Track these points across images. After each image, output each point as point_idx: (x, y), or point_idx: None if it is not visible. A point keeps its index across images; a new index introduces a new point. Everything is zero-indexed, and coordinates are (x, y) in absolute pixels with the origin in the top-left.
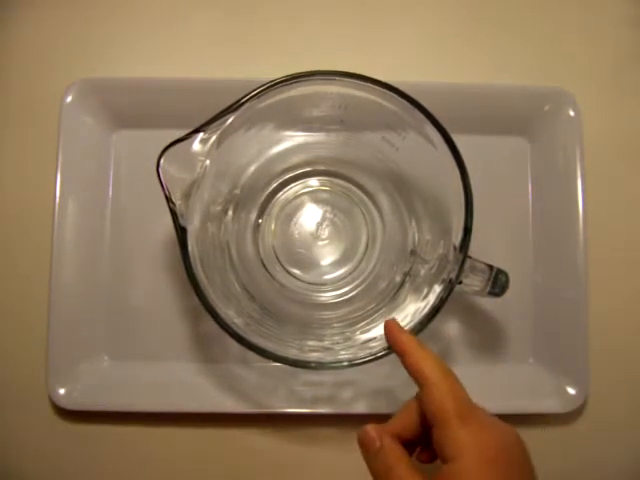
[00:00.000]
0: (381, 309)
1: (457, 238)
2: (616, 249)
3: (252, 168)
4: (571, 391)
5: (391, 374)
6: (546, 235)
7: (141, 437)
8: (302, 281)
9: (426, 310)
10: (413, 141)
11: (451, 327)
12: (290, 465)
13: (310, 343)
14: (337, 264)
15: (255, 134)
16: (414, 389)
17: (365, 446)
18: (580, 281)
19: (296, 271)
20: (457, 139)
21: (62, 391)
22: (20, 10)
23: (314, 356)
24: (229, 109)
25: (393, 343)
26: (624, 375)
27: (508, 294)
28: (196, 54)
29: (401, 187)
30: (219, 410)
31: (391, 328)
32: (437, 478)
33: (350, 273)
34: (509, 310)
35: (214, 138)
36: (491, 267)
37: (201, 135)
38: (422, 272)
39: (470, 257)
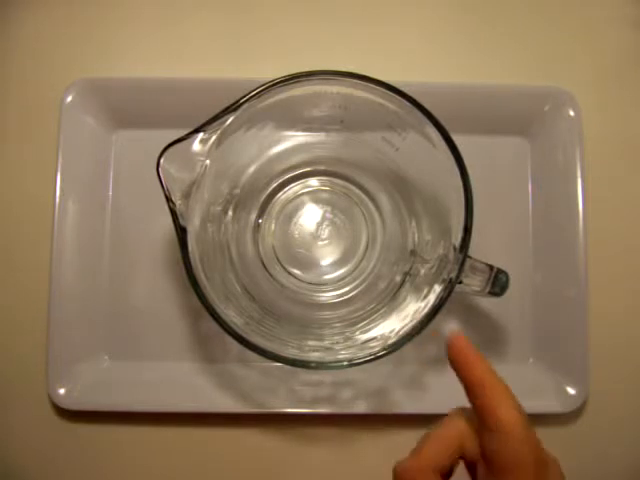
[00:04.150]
0: (381, 309)
1: (457, 238)
2: (616, 249)
3: (252, 168)
4: (571, 391)
5: (391, 374)
6: (546, 235)
7: (141, 437)
8: (302, 281)
9: (426, 310)
10: (413, 141)
11: (451, 327)
12: (290, 465)
13: (310, 343)
14: (337, 264)
15: (255, 134)
16: (414, 389)
17: None
18: (580, 281)
19: (296, 271)
20: (457, 139)
21: (62, 391)
22: (20, 10)
23: (314, 356)
24: (229, 109)
25: (464, 370)
26: (624, 375)
27: (508, 294)
28: (196, 54)
29: (401, 187)
30: (219, 410)
31: (461, 349)
32: None
33: (350, 273)
34: (509, 310)
35: (214, 138)
36: (491, 267)
37: (201, 135)
38: (422, 272)
39: (470, 257)
